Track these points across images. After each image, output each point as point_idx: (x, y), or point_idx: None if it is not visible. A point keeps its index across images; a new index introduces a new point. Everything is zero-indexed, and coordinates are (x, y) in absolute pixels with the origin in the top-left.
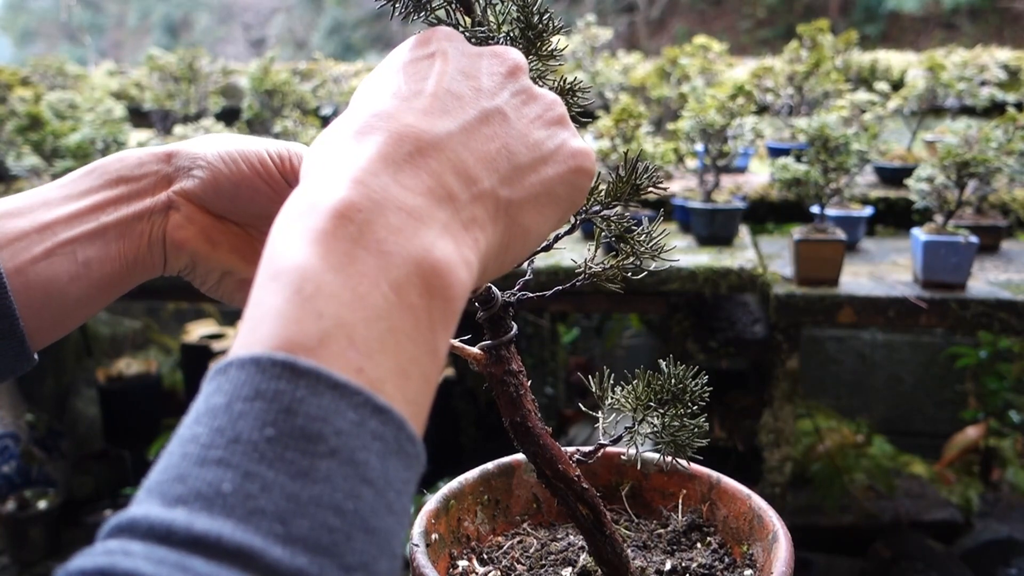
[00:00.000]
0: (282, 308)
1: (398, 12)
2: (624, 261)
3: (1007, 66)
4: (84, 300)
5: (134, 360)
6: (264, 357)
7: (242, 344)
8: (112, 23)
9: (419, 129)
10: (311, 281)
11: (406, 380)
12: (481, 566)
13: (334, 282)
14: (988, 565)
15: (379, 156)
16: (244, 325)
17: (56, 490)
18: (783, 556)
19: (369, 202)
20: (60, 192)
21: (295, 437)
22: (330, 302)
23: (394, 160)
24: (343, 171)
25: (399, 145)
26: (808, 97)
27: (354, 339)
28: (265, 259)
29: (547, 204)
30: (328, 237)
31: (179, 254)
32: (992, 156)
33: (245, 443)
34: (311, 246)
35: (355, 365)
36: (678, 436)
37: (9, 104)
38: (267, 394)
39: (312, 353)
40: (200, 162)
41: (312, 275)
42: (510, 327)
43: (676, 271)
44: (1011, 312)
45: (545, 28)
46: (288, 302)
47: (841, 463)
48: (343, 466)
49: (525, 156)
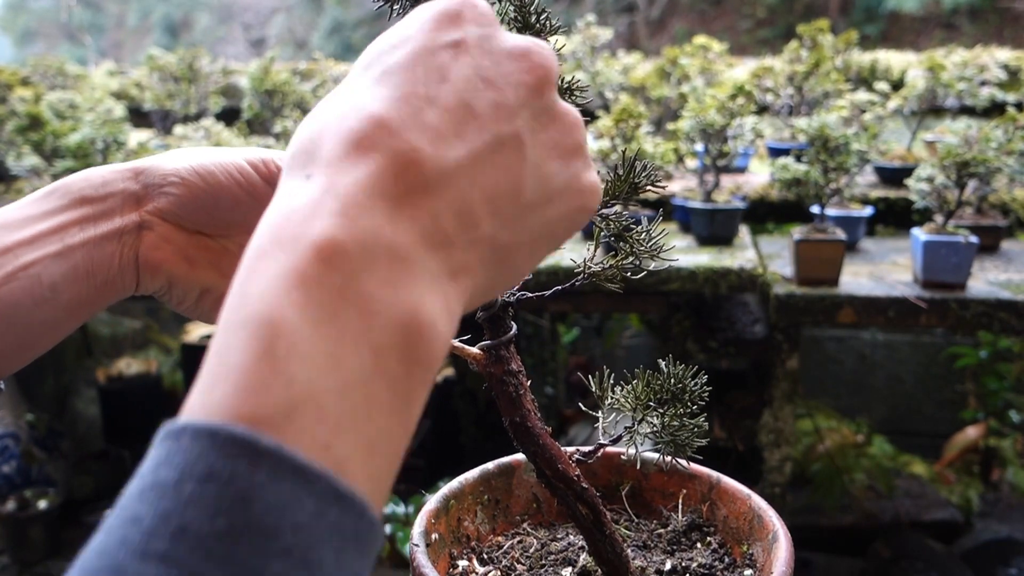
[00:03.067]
0: (249, 367)
1: (397, 12)
2: (623, 261)
3: (1007, 66)
4: (51, 324)
5: (134, 360)
6: (223, 431)
7: (201, 404)
8: (112, 23)
9: (425, 157)
10: (285, 338)
11: (373, 456)
12: (481, 566)
13: (310, 340)
14: (988, 565)
15: (375, 188)
16: (205, 374)
17: (56, 490)
18: (783, 556)
19: (358, 247)
20: (20, 213)
21: (249, 531)
22: (304, 365)
23: (392, 196)
24: (332, 195)
25: (400, 177)
26: (808, 97)
27: (325, 411)
28: (236, 295)
29: (543, 245)
30: (310, 284)
31: (155, 275)
32: (992, 156)
33: (193, 536)
34: (289, 293)
35: (322, 442)
36: (678, 436)
37: (9, 104)
38: (222, 476)
39: (277, 429)
40: (172, 178)
41: (287, 331)
42: (510, 327)
43: (676, 271)
44: (1011, 312)
45: (543, 28)
46: (258, 361)
47: (841, 463)
48: (296, 568)
49: (533, 194)
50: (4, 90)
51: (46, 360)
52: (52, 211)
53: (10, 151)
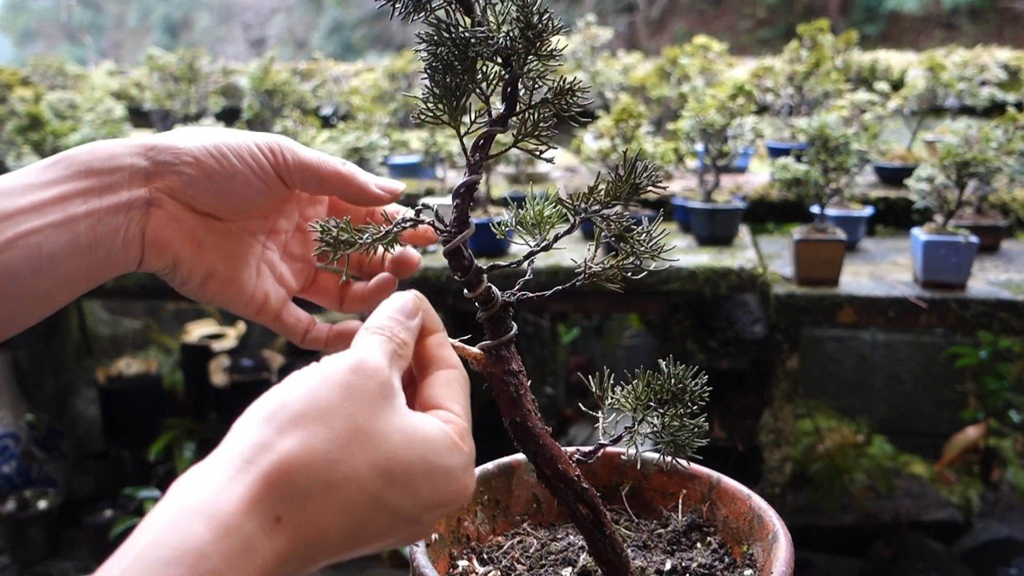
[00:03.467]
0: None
1: (398, 12)
2: (624, 261)
3: (1007, 66)
4: (46, 295)
5: (134, 360)
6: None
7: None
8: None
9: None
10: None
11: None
12: (481, 566)
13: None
14: (988, 565)
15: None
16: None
17: (56, 490)
18: (783, 556)
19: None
20: (22, 180)
21: None
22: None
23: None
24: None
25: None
26: (808, 97)
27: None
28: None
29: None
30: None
31: (162, 254)
32: (992, 156)
33: None
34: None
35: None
36: (678, 436)
37: (9, 104)
38: None
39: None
40: (185, 157)
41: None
42: (510, 327)
43: (676, 271)
44: (1011, 312)
45: (545, 28)
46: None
47: (841, 463)
48: None
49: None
50: (4, 90)
51: (46, 360)
52: (55, 180)
53: (10, 151)
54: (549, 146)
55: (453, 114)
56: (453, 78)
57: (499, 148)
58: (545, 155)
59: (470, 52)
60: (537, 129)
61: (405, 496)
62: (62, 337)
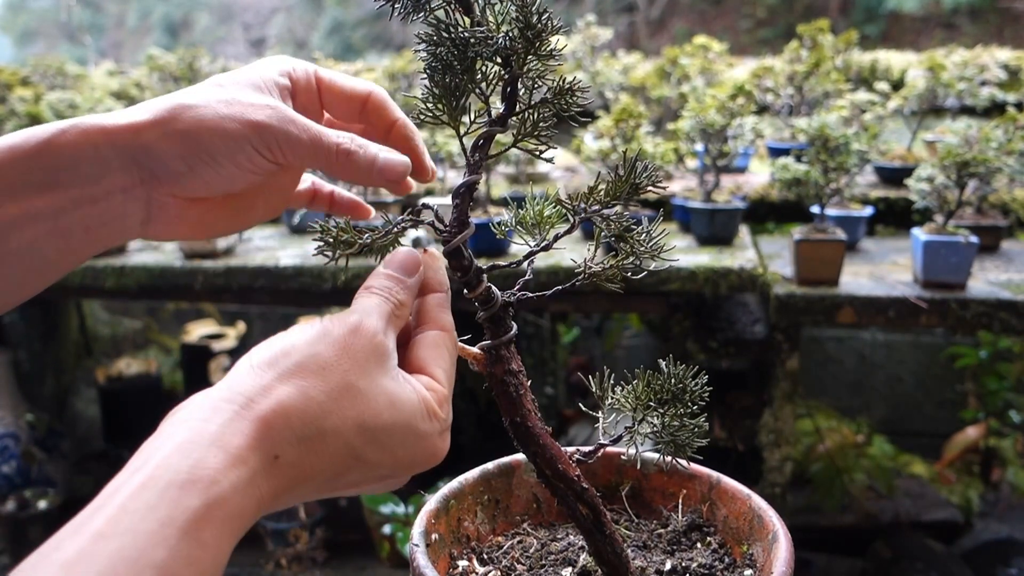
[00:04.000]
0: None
1: (397, 12)
2: (624, 261)
3: (1007, 66)
4: (43, 281)
5: (134, 360)
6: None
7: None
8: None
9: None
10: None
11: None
12: (481, 566)
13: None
14: (988, 565)
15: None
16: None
17: (56, 490)
18: (783, 556)
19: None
20: (4, 175)
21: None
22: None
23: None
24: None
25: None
26: (808, 97)
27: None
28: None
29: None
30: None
31: (167, 239)
32: (992, 156)
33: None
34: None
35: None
36: (678, 436)
37: (9, 104)
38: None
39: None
40: (179, 167)
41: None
42: (510, 327)
43: (676, 271)
44: (1011, 312)
45: (544, 28)
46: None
47: (841, 463)
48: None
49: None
50: (4, 90)
51: (46, 360)
52: (43, 183)
53: None
54: (549, 146)
55: (453, 114)
56: (452, 78)
57: (499, 148)
58: (545, 155)
59: (469, 52)
60: (537, 129)
61: (383, 454)
62: (62, 337)
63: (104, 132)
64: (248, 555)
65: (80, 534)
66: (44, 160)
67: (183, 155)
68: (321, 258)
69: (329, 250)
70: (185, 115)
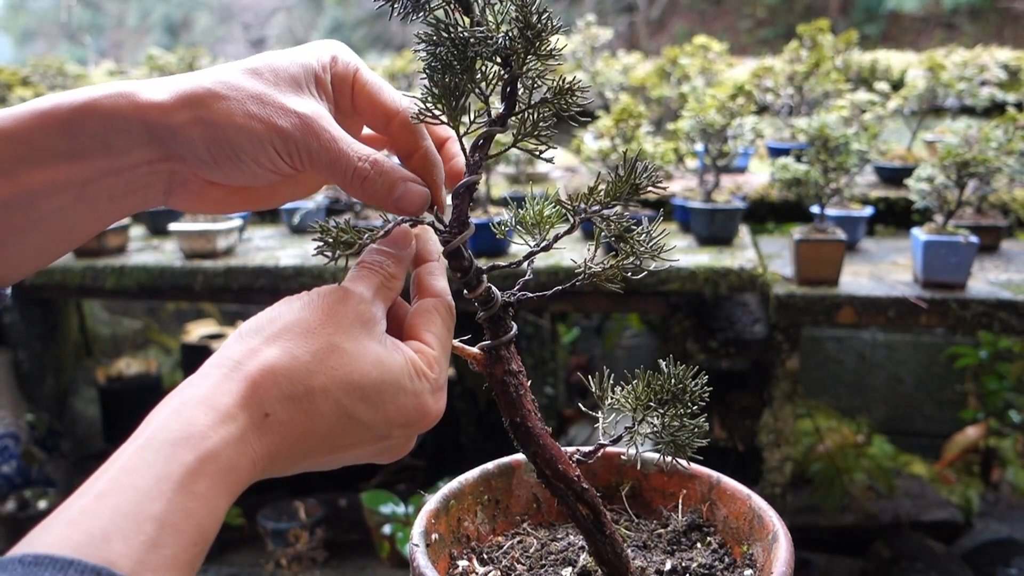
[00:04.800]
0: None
1: (397, 12)
2: (624, 261)
3: (1007, 66)
4: (54, 255)
5: (134, 360)
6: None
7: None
8: (112, 23)
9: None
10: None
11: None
12: (481, 566)
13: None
14: (988, 565)
15: (274, 453)
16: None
17: (56, 490)
18: (783, 556)
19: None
20: (33, 139)
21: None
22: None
23: (280, 458)
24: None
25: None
26: (808, 97)
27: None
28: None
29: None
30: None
31: (190, 211)
32: (992, 156)
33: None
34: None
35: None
36: (678, 436)
37: (9, 104)
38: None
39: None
40: (204, 156)
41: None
42: (510, 327)
43: (676, 271)
44: (1011, 312)
45: (544, 28)
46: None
47: (841, 463)
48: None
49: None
50: (4, 90)
51: (46, 360)
52: (72, 152)
53: None
54: (549, 146)
55: (452, 114)
56: (452, 78)
57: (499, 148)
58: (545, 155)
59: (469, 52)
60: (537, 129)
61: (374, 412)
62: (62, 337)
63: (136, 107)
64: (248, 555)
65: (84, 496)
66: (73, 129)
67: (208, 147)
68: (321, 258)
69: (329, 250)
70: (215, 105)
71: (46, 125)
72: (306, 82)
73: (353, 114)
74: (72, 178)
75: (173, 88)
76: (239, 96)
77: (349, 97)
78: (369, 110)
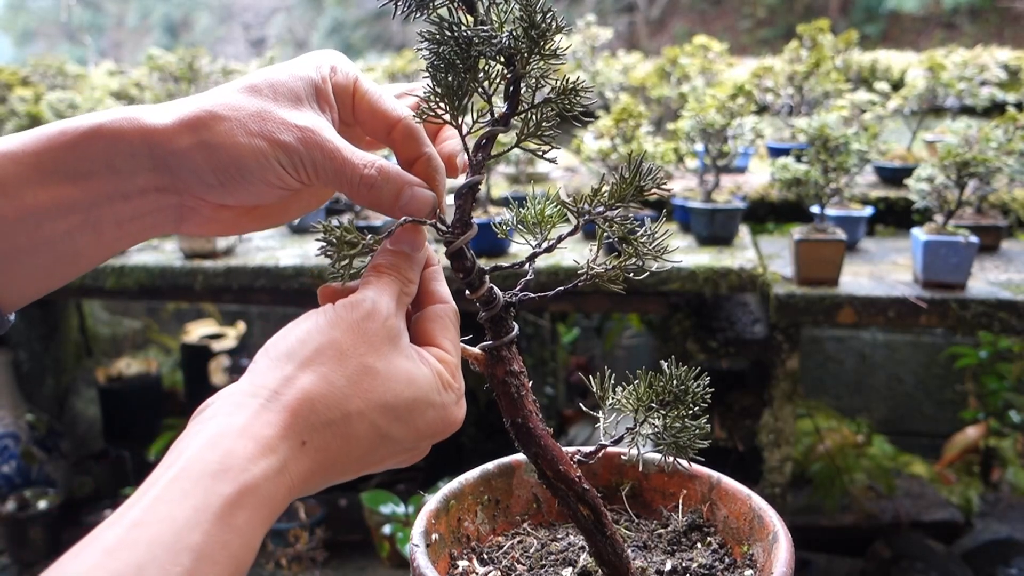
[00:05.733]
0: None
1: (400, 11)
2: (626, 262)
3: (1007, 66)
4: (61, 279)
5: (134, 360)
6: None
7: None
8: (112, 23)
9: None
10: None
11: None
12: (481, 566)
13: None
14: (988, 565)
15: (309, 472)
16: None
17: (56, 490)
18: (783, 556)
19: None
20: (39, 162)
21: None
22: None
23: (311, 480)
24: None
25: (323, 468)
26: (808, 97)
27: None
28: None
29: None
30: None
31: (203, 235)
32: (992, 156)
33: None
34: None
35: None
36: (680, 437)
37: (9, 104)
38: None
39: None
40: (210, 179)
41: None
42: (511, 327)
43: (676, 271)
44: (1011, 312)
45: (548, 27)
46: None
47: (841, 463)
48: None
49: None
50: (4, 90)
51: (46, 360)
52: (77, 173)
53: None
54: (552, 146)
55: (455, 114)
56: (455, 77)
57: (501, 148)
58: (548, 155)
59: (473, 51)
60: (540, 129)
61: (407, 429)
62: (62, 337)
63: (140, 131)
64: None
65: (118, 524)
66: (79, 151)
67: (214, 170)
68: (322, 258)
69: (332, 250)
70: (217, 128)
71: (53, 148)
72: (306, 95)
73: (354, 123)
74: (77, 200)
75: (176, 112)
76: (239, 116)
77: (350, 107)
78: (370, 119)
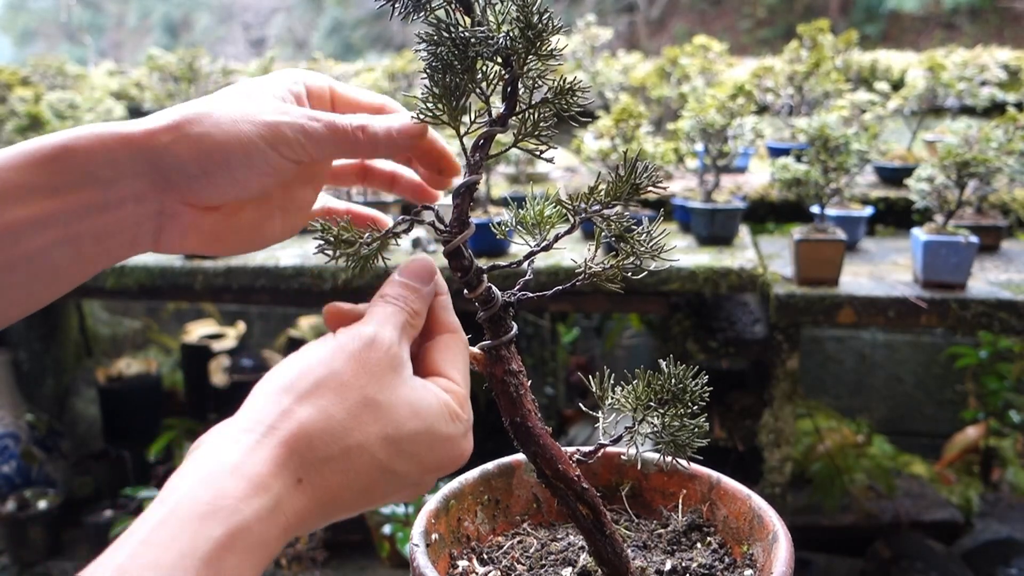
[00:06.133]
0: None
1: (398, 12)
2: (624, 261)
3: (1007, 66)
4: (41, 299)
5: (134, 360)
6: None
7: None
8: (112, 23)
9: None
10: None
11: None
12: (481, 566)
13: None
14: (988, 565)
15: (308, 510)
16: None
17: (56, 490)
18: (783, 556)
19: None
20: (16, 178)
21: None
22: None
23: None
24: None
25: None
26: (808, 97)
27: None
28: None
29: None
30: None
31: (176, 251)
32: (992, 156)
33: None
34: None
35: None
36: (678, 436)
37: (9, 104)
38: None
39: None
40: (193, 171)
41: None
42: (510, 327)
43: (676, 271)
44: (1011, 312)
45: (545, 28)
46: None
47: (841, 463)
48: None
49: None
50: (4, 90)
51: (46, 360)
52: (55, 187)
53: None
54: (549, 146)
55: (453, 114)
56: (453, 78)
57: (499, 148)
58: (545, 155)
59: (470, 52)
60: (537, 129)
61: (411, 463)
62: (62, 337)
63: (119, 138)
64: None
65: (103, 566)
66: (57, 164)
67: (197, 158)
68: (322, 257)
69: (330, 249)
70: (199, 120)
71: (30, 163)
72: (282, 96)
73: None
74: (54, 214)
75: (154, 120)
76: (222, 108)
77: (330, 108)
78: (355, 108)
